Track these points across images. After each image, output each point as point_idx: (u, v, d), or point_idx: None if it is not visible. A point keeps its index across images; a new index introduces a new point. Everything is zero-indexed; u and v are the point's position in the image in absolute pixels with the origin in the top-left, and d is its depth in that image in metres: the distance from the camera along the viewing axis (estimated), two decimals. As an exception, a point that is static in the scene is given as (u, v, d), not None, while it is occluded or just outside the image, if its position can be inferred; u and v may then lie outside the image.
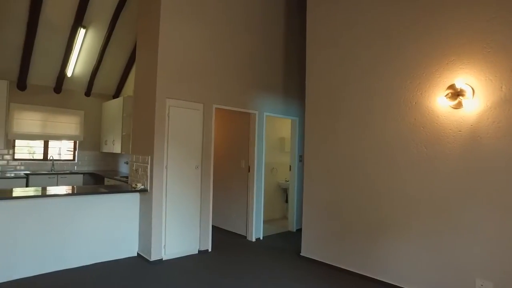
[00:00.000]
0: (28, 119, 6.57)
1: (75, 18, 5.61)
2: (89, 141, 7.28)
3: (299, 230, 4.75)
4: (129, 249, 4.33)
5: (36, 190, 4.11)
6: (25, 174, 6.02)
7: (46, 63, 6.26)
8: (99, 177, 6.63)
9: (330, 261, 4.17)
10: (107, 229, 4.16)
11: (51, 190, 4.13)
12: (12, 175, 5.88)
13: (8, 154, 6.40)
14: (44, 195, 3.77)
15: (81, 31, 5.80)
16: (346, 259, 4.01)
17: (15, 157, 6.53)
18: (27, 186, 5.83)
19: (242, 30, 5.16)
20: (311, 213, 4.45)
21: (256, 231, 5.36)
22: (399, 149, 3.60)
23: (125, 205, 4.32)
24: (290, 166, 6.14)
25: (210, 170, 4.73)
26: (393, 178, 3.63)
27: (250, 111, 5.27)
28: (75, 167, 7.11)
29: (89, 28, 5.93)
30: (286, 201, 6.53)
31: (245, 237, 5.42)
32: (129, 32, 6.20)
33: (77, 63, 6.48)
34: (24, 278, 3.53)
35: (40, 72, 6.39)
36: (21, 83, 6.39)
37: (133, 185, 4.42)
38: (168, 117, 4.32)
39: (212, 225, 4.85)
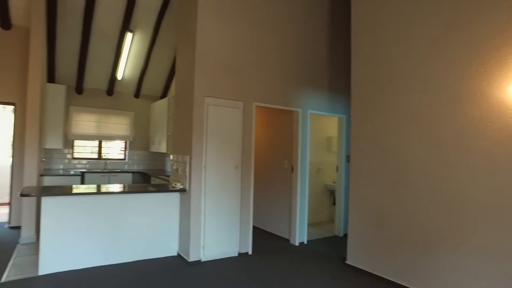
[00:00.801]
0: (84, 121, 6.99)
1: (123, 23, 5.82)
2: (138, 141, 7.56)
3: (347, 236, 4.40)
4: (170, 248, 4.34)
5: (80, 188, 4.27)
6: (81, 172, 6.39)
7: (99, 68, 6.60)
8: (146, 176, 6.84)
9: (378, 272, 3.77)
10: (148, 228, 4.20)
11: (93, 188, 4.27)
12: (72, 172, 6.26)
13: (68, 153, 6.87)
14: (87, 193, 3.90)
15: (128, 35, 6.00)
16: (395, 271, 3.59)
17: (74, 156, 6.99)
18: (82, 183, 6.18)
19: (284, 24, 4.93)
20: (358, 218, 4.08)
21: (300, 235, 5.10)
22: (460, 149, 3.11)
23: (165, 205, 4.33)
24: (337, 167, 5.77)
25: (250, 170, 4.58)
26: (452, 182, 3.15)
27: (293, 109, 5.03)
28: (126, 166, 7.43)
29: (136, 32, 6.12)
30: (334, 203, 6.17)
31: (288, 240, 5.18)
32: (172, 34, 6.29)
33: (126, 67, 6.74)
34: (69, 271, 3.67)
35: (94, 76, 6.76)
36: (79, 87, 6.81)
37: (173, 185, 4.42)
38: (207, 115, 4.24)
39: (253, 226, 4.71)
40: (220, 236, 4.31)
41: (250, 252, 4.52)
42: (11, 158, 5.58)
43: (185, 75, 4.44)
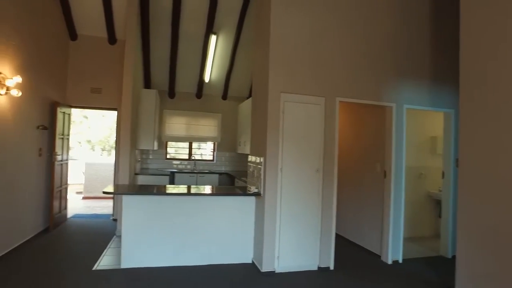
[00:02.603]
0: (176, 123, 7.40)
1: (207, 26, 5.91)
2: (226, 142, 7.67)
3: (455, 258, 3.50)
4: (244, 255, 4.12)
5: (159, 188, 4.38)
6: (171, 172, 6.74)
7: (187, 72, 6.89)
8: (232, 178, 6.85)
9: (503, 314, 2.85)
10: (223, 232, 4.06)
11: (170, 189, 4.33)
12: (168, 172, 6.64)
13: (162, 154, 7.36)
14: (164, 193, 3.96)
15: (213, 38, 6.07)
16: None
17: (167, 157, 7.46)
18: (171, 183, 6.51)
19: (375, 5, 4.28)
20: (469, 240, 3.18)
21: (394, 251, 4.33)
22: None
23: (241, 209, 4.14)
24: (443, 172, 4.78)
25: (333, 174, 4.06)
26: None
27: (384, 103, 4.32)
28: (214, 167, 7.60)
29: (219, 34, 6.17)
30: (440, 215, 5.15)
31: (379, 256, 4.46)
32: (255, 32, 6.16)
33: (213, 69, 6.88)
34: (145, 267, 3.75)
35: (184, 80, 7.08)
36: (171, 92, 7.24)
37: (248, 188, 4.20)
38: (283, 113, 3.90)
39: (337, 234, 4.16)
40: (297, 247, 3.91)
41: (331, 267, 4.00)
42: (115, 157, 6.19)
43: (260, 71, 4.19)
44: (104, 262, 3.93)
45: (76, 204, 7.41)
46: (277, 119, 3.87)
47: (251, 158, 4.38)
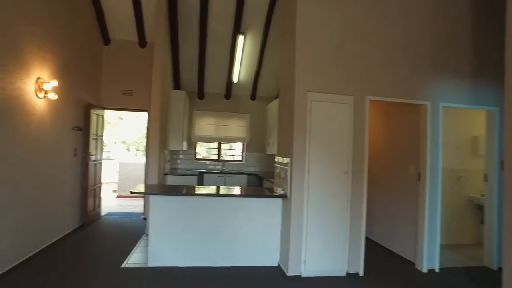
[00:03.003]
0: (205, 124, 7.46)
1: (234, 26, 5.90)
2: (254, 143, 7.62)
3: (501, 270, 3.20)
4: (271, 258, 4.04)
5: (186, 189, 4.40)
6: (199, 172, 6.80)
7: (216, 73, 6.92)
8: (260, 179, 6.79)
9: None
10: (250, 233, 4.01)
11: (196, 189, 4.33)
12: (197, 173, 6.72)
13: (191, 154, 7.45)
14: (189, 193, 3.97)
15: (240, 38, 6.05)
16: None
17: (196, 157, 7.55)
18: (200, 183, 6.56)
19: (406, -1, 4.05)
20: (517, 249, 2.90)
21: (429, 259, 4.06)
22: None
23: (268, 211, 4.07)
24: (485, 175, 4.43)
25: (363, 176, 3.88)
26: None
27: (419, 102, 4.07)
28: (243, 167, 7.59)
29: (247, 34, 6.14)
30: (482, 222, 4.78)
31: (413, 264, 4.20)
32: (283, 31, 6.07)
33: (241, 69, 6.87)
34: (171, 267, 3.78)
35: (213, 81, 7.13)
36: (200, 93, 7.32)
37: (274, 190, 4.12)
38: (310, 113, 3.78)
39: (368, 238, 3.96)
40: (324, 251, 3.77)
41: (361, 274, 3.81)
42: (145, 158, 6.34)
43: (286, 70, 4.10)
44: (133, 260, 4.01)
45: (111, 202, 7.69)
46: (304, 119, 3.76)
47: (278, 159, 4.29)
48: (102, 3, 5.52)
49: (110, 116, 13.14)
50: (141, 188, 4.11)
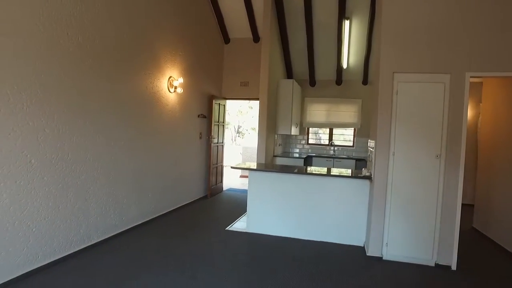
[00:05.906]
0: (317, 110, 7.74)
1: (339, 12, 5.95)
2: (366, 128, 7.46)
3: None
4: (356, 238, 4.14)
5: (281, 168, 4.87)
6: (308, 156, 7.16)
7: (325, 60, 7.09)
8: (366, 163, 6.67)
9: None
10: (338, 212, 4.21)
11: (291, 169, 4.74)
12: (305, 156, 7.15)
13: (303, 139, 7.89)
14: (280, 170, 4.44)
15: (346, 23, 6.05)
16: None
17: (308, 142, 7.93)
18: (304, 165, 6.94)
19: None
20: None
21: (556, 264, 3.39)
22: None
23: (355, 192, 4.17)
24: None
25: (459, 161, 3.53)
26: None
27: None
28: (353, 153, 7.56)
29: (352, 18, 6.08)
30: None
31: (533, 268, 3.58)
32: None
33: (350, 54, 6.83)
34: (264, 234, 4.36)
35: (323, 68, 7.32)
36: (311, 80, 7.63)
37: (361, 172, 4.17)
38: (396, 95, 3.67)
39: (477, 231, 3.58)
40: (409, 237, 3.65)
41: (453, 267, 3.51)
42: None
43: (376, 52, 4.04)
44: (236, 225, 4.79)
45: (234, 181, 8.90)
46: (388, 101, 3.68)
47: (370, 142, 4.29)
48: (222, 9, 6.48)
49: (242, 106, 14.82)
50: (241, 165, 4.82)
